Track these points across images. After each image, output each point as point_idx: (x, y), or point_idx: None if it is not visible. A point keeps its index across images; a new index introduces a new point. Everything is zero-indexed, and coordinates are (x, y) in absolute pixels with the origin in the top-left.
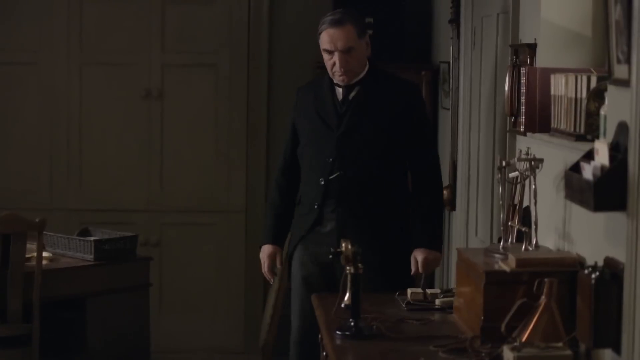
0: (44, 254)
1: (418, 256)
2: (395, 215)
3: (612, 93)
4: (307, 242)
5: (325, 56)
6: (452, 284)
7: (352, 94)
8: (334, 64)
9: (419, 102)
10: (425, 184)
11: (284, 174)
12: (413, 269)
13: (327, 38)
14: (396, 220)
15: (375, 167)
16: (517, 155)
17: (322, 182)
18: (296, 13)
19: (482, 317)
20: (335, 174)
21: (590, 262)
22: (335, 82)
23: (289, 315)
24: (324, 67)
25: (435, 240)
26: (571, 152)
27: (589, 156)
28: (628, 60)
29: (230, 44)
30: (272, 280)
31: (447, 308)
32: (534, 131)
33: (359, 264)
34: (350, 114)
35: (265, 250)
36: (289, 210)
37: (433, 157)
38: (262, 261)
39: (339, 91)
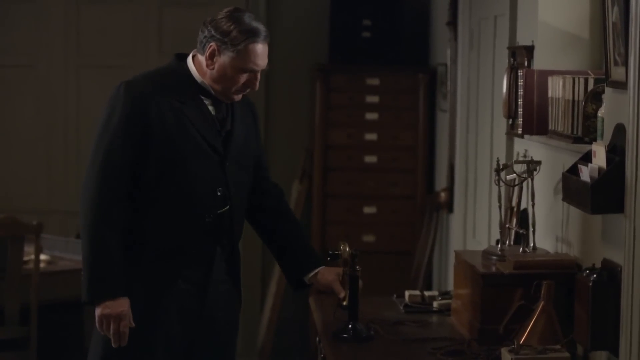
0: (42, 256)
1: (334, 274)
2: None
3: (610, 95)
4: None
5: (240, 75)
6: (450, 286)
7: (222, 107)
8: (246, 83)
9: (257, 115)
10: (286, 207)
11: (120, 201)
12: (342, 290)
13: (259, 53)
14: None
15: (246, 198)
16: (514, 157)
17: (208, 220)
18: (293, 17)
19: (480, 320)
20: (225, 208)
21: (587, 264)
22: (210, 92)
23: (287, 318)
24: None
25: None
26: (569, 155)
27: (587, 158)
28: (625, 63)
29: None
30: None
31: (444, 310)
32: (531, 133)
33: (357, 266)
34: (230, 133)
35: (125, 304)
36: (121, 250)
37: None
38: (121, 318)
39: (208, 104)
